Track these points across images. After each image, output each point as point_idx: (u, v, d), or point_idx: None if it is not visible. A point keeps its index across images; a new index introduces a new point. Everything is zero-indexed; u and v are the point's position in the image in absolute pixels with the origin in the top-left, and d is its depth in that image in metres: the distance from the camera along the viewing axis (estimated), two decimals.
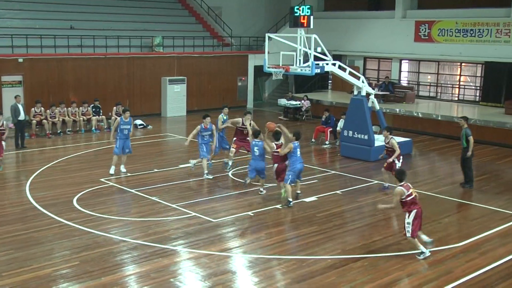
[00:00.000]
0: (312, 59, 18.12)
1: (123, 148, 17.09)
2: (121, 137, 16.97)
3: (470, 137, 16.08)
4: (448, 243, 12.13)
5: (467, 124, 16.49)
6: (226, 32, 33.42)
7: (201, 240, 11.97)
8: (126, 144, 17.13)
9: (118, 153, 17.09)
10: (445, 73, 30.82)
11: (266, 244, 11.90)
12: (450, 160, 20.63)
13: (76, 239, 11.88)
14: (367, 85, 20.70)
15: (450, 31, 29.33)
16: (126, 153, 17.26)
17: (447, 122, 24.57)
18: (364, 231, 12.87)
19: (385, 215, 13.94)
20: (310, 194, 15.46)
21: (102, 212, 13.63)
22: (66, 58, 25.73)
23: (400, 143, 21.01)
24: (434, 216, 13.84)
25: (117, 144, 17.02)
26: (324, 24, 32.21)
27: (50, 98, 24.76)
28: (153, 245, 11.64)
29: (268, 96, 37.09)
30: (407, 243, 11.91)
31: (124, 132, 17.00)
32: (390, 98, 28.66)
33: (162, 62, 29.08)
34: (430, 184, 17.02)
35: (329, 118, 22.91)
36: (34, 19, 26.89)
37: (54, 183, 16.19)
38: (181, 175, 17.38)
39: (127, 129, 17.06)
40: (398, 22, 31.50)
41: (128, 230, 12.54)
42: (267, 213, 13.88)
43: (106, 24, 28.90)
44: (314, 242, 12.03)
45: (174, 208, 14.06)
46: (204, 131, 16.81)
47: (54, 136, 22.90)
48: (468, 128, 16.38)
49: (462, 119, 16.51)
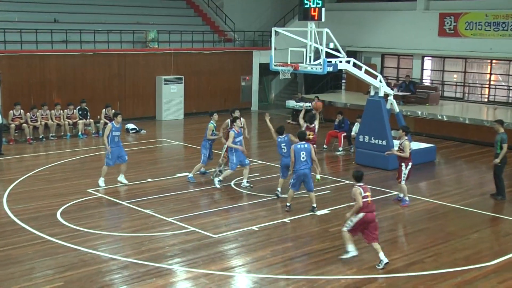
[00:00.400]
0: (323, 56, 18.11)
1: (118, 158, 16.89)
2: (113, 145, 16.75)
3: (505, 144, 16.00)
4: (478, 261, 12.08)
5: (503, 128, 16.41)
6: (228, 26, 33.51)
7: (200, 258, 11.95)
8: (121, 152, 16.93)
9: (112, 164, 16.91)
10: (473, 71, 30.77)
11: (272, 262, 11.87)
12: (480, 169, 20.58)
13: (60, 257, 11.87)
14: (385, 85, 20.68)
15: (479, 24, 29.29)
16: (125, 161, 17.09)
17: (475, 126, 24.52)
18: (382, 248, 12.80)
19: (404, 230, 13.90)
20: (321, 206, 15.43)
21: (90, 226, 13.62)
22: (49, 55, 25.80)
23: (423, 150, 21.20)
24: (462, 232, 13.80)
25: (109, 154, 16.76)
26: (338, 17, 32.25)
27: (31, 100, 24.83)
28: (147, 263, 11.62)
29: (275, 97, 37.13)
30: (431, 261, 11.91)
31: (115, 140, 16.75)
32: (411, 100, 28.62)
33: (157, 60, 29.16)
34: (456, 195, 16.98)
35: (342, 122, 22.91)
36: (12, 11, 26.97)
37: (35, 194, 16.22)
38: (178, 185, 17.38)
39: (117, 136, 16.81)
40: (420, 14, 31.50)
41: (118, 247, 12.52)
42: (274, 228, 13.86)
43: (94, 16, 29.02)
44: (326, 260, 11.99)
45: (170, 222, 14.04)
46: (237, 136, 16.79)
47: (35, 142, 22.95)
48: (505, 133, 16.31)
49: (497, 123, 16.47)
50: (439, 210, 15.57)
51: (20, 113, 23.02)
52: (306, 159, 14.64)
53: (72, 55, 26.42)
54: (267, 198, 16.15)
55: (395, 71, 33.52)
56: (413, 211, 15.39)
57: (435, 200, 16.41)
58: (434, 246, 12.86)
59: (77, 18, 28.35)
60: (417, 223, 14.47)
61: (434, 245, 12.92)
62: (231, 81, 32.12)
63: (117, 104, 27.35)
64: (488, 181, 17.36)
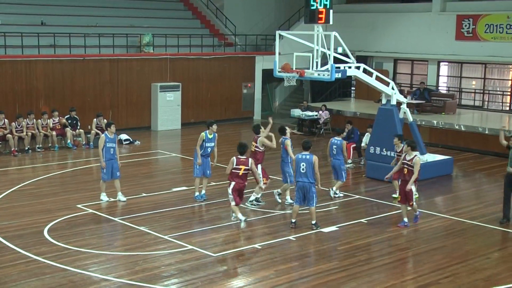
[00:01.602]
0: (331, 62, 18.19)
1: (113, 172, 16.90)
2: (108, 157, 16.77)
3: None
4: (499, 282, 12.09)
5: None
6: (229, 29, 33.65)
7: (198, 279, 11.97)
8: (115, 166, 16.95)
9: (108, 179, 16.96)
10: (493, 77, 30.84)
11: (276, 283, 11.89)
12: (500, 183, 20.33)
13: (47, 277, 11.89)
14: (398, 93, 20.75)
15: (500, 26, 29.37)
16: (117, 177, 17.08)
17: (496, 137, 24.42)
18: (395, 268, 12.86)
19: (418, 248, 13.90)
20: (329, 223, 15.46)
21: (79, 245, 13.64)
22: (35, 60, 25.91)
23: (439, 162, 21.23)
24: (481, 250, 13.81)
25: (103, 169, 16.80)
26: (347, 19, 32.37)
27: (16, 109, 24.95)
28: (141, 284, 11.64)
29: (279, 106, 37.19)
30: (448, 283, 11.94)
31: (110, 152, 16.80)
32: (426, 108, 28.68)
33: (152, 65, 29.27)
34: (475, 211, 17.00)
35: (352, 132, 22.95)
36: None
37: (20, 210, 16.25)
38: (174, 200, 17.42)
39: (113, 148, 16.88)
40: (436, 16, 31.61)
41: (110, 267, 12.54)
42: (278, 246, 13.89)
43: (85, 19, 29.16)
44: (334, 281, 12.01)
45: (166, 240, 14.07)
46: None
47: (21, 154, 23.02)
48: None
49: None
50: (456, 227, 15.58)
51: (4, 122, 23.10)
52: (306, 171, 14.59)
53: (61, 61, 26.51)
54: (271, 213, 16.20)
55: (409, 77, 33.58)
56: (428, 228, 15.41)
57: (452, 216, 16.42)
58: (451, 266, 12.86)
59: (66, 21, 28.49)
60: (432, 241, 14.47)
61: (451, 265, 12.92)
62: (232, 89, 32.21)
63: (109, 113, 27.44)
64: None
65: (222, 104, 31.67)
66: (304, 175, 14.59)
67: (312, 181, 14.65)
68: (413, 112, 25.03)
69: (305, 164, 14.54)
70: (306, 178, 14.59)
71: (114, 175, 16.95)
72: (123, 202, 17.00)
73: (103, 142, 16.69)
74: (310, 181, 14.62)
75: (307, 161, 14.57)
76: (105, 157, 16.70)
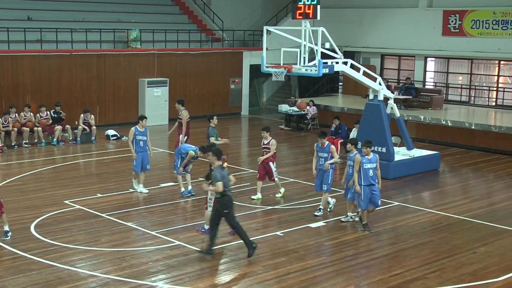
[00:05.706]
0: (319, 57, 18.20)
1: (143, 164, 17.51)
2: (138, 149, 17.44)
3: None
4: (485, 277, 12.14)
5: None
6: (216, 24, 33.60)
7: (186, 275, 11.97)
8: (145, 158, 17.58)
9: (138, 171, 17.61)
10: (480, 73, 30.98)
11: (264, 278, 11.90)
12: (487, 178, 20.69)
13: (34, 274, 11.85)
14: (385, 88, 20.79)
15: (486, 22, 29.49)
16: (147, 169, 17.74)
17: (482, 132, 24.65)
18: (382, 263, 12.88)
19: (405, 243, 13.93)
20: (316, 218, 15.48)
21: (66, 241, 13.61)
22: (22, 55, 25.79)
23: (426, 157, 21.30)
24: (468, 245, 13.87)
25: (134, 160, 17.46)
26: (334, 15, 32.37)
27: (2, 104, 24.82)
28: (128, 280, 11.62)
29: (266, 102, 37.22)
30: (435, 277, 11.97)
31: (140, 145, 17.43)
32: (413, 103, 28.79)
33: (140, 61, 29.19)
34: (462, 206, 17.06)
35: (339, 128, 22.99)
36: None
37: (6, 207, 16.03)
38: (162, 196, 17.40)
39: (143, 141, 17.47)
40: (423, 11, 31.70)
41: (97, 263, 12.51)
42: (265, 241, 13.88)
43: (71, 14, 29.06)
44: (322, 276, 12.04)
45: (154, 236, 14.06)
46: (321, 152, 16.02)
47: (7, 150, 22.90)
48: None
49: None
50: (443, 222, 15.64)
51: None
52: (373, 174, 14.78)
53: (47, 56, 26.39)
54: (258, 209, 16.20)
55: (396, 73, 33.68)
56: (415, 223, 15.45)
57: (439, 211, 16.48)
58: (437, 260, 12.92)
59: (53, 16, 28.36)
60: (419, 235, 14.52)
61: (438, 259, 12.98)
62: (220, 84, 32.18)
63: (97, 108, 27.36)
64: (496, 190, 17.45)
65: (209, 99, 31.62)
66: (371, 179, 14.72)
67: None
68: (400, 107, 25.09)
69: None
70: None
71: (144, 167, 17.61)
72: (145, 193, 17.47)
73: (133, 134, 17.43)
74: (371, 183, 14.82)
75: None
76: (135, 150, 17.36)
